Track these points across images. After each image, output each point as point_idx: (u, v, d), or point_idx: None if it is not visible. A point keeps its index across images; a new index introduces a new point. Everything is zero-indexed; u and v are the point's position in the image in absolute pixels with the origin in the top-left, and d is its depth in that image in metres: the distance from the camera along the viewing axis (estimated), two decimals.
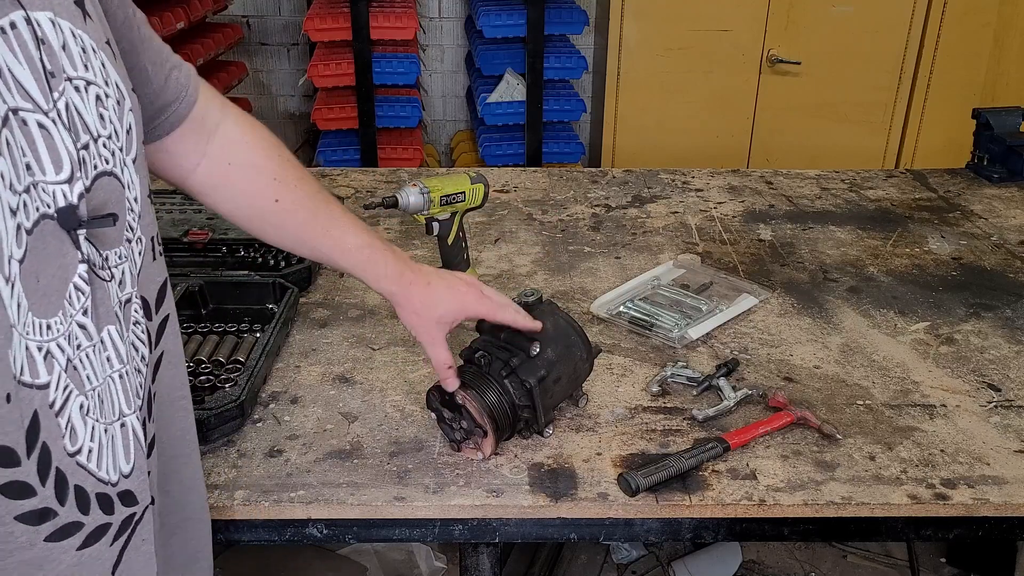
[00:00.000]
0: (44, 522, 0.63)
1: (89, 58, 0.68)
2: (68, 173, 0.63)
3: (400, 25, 3.20)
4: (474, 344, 1.21)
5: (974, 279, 1.73)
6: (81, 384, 0.65)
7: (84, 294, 0.66)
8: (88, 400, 0.66)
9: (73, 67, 0.66)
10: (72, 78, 0.65)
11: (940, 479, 1.16)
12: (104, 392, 0.68)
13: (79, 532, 0.66)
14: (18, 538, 0.62)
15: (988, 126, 2.26)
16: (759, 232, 1.93)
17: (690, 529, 1.14)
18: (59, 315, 0.63)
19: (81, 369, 0.65)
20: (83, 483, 0.66)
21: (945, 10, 3.47)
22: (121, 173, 0.71)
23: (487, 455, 1.17)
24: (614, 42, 3.48)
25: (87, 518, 0.67)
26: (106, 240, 0.69)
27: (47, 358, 0.62)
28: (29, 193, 0.60)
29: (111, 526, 0.69)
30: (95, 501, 0.67)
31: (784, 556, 2.38)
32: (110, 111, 0.70)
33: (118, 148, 0.71)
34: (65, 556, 0.65)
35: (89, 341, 0.66)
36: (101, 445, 0.68)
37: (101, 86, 0.69)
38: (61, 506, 0.64)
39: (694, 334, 1.48)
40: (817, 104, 3.61)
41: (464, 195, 1.51)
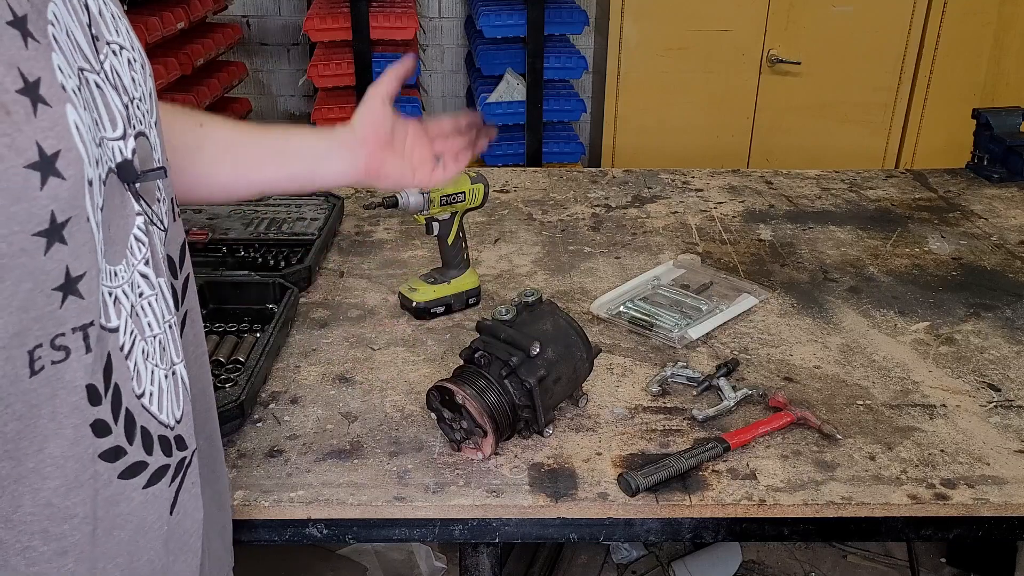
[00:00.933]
0: (118, 459, 0.67)
1: (118, 24, 0.71)
2: (122, 130, 0.67)
3: (400, 25, 3.20)
4: (474, 344, 1.21)
5: (974, 279, 1.73)
6: (143, 330, 0.69)
7: (144, 244, 0.69)
8: (149, 346, 0.70)
9: (108, 32, 0.69)
10: (110, 42, 0.69)
11: (940, 479, 1.16)
12: (164, 339, 0.72)
13: (144, 472, 0.70)
14: (101, 475, 0.65)
15: (988, 126, 2.26)
16: (759, 232, 1.93)
17: (690, 529, 1.14)
18: (123, 263, 0.66)
19: (143, 316, 0.69)
20: (147, 425, 0.70)
21: (945, 10, 3.47)
22: (149, 134, 0.74)
23: (487, 455, 1.17)
24: (614, 42, 3.48)
25: (151, 458, 0.70)
26: (151, 197, 0.73)
27: (116, 303, 0.65)
28: (101, 147, 0.63)
29: (169, 467, 0.73)
30: (157, 442, 0.71)
31: (784, 556, 2.38)
32: (139, 74, 0.73)
33: (147, 111, 0.74)
34: (135, 494, 0.69)
35: (152, 290, 0.70)
36: (161, 390, 0.71)
37: (130, 51, 0.72)
38: (130, 445, 0.68)
39: (694, 334, 1.48)
40: (817, 104, 3.61)
41: (464, 195, 1.51)
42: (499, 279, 1.70)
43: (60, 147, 0.57)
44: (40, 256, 0.56)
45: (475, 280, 1.58)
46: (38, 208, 0.56)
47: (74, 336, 0.60)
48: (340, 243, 1.84)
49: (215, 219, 1.83)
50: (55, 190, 0.56)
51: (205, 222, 1.81)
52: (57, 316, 0.59)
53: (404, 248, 1.82)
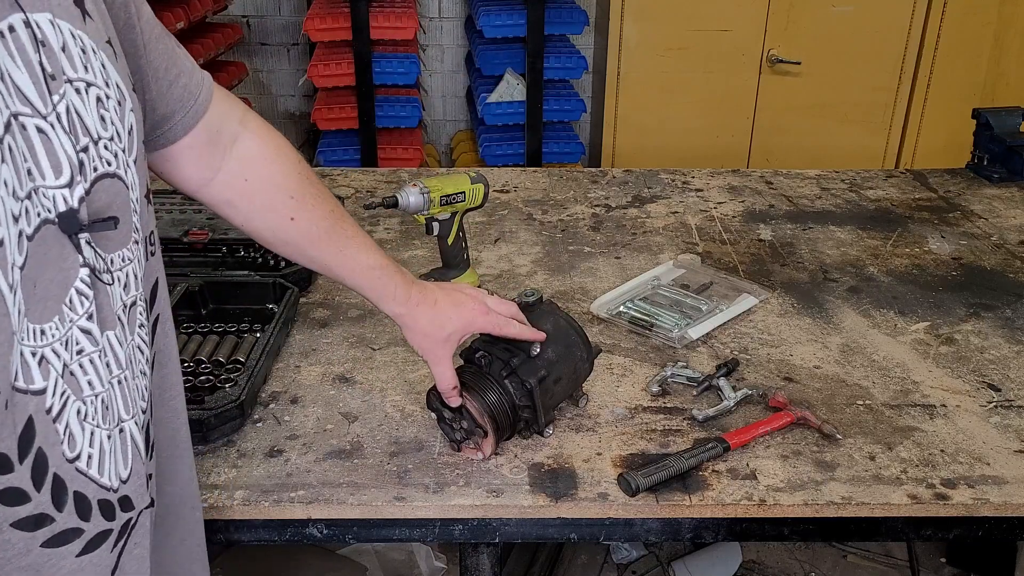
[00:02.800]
0: (40, 528, 0.63)
1: (89, 59, 0.67)
2: (68, 177, 0.63)
3: (400, 25, 3.20)
4: (474, 344, 1.21)
5: (974, 279, 1.73)
6: (79, 390, 0.65)
7: (87, 299, 0.65)
8: (87, 406, 0.65)
9: (73, 68, 0.65)
10: (72, 80, 0.65)
11: (940, 479, 1.16)
12: (108, 397, 0.68)
13: (79, 538, 0.66)
14: (15, 544, 0.62)
15: (988, 126, 2.26)
16: (759, 232, 1.93)
17: (690, 529, 1.14)
18: (55, 320, 0.62)
19: (81, 375, 0.65)
20: (83, 489, 0.66)
21: (945, 10, 3.47)
22: (125, 174, 0.70)
23: (487, 455, 1.17)
24: (614, 42, 3.48)
25: (88, 524, 0.66)
26: (110, 243, 0.68)
27: (42, 363, 0.61)
28: (31, 199, 0.59)
29: (112, 532, 0.69)
30: (96, 507, 0.67)
31: (784, 556, 2.38)
32: (111, 112, 0.69)
33: (121, 150, 0.70)
34: (64, 562, 0.65)
35: (94, 347, 0.66)
36: (103, 451, 0.67)
37: (102, 87, 0.68)
38: (59, 512, 0.64)
39: (694, 334, 1.48)
40: (817, 104, 3.61)
41: (464, 195, 1.51)
42: (499, 279, 1.70)
43: None
44: None
45: (475, 280, 1.58)
46: None
47: None
48: None
49: (215, 219, 1.83)
50: None
51: (205, 222, 1.81)
52: None
53: (404, 248, 1.82)
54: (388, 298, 1.10)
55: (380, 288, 1.09)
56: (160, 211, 1.85)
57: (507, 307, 1.18)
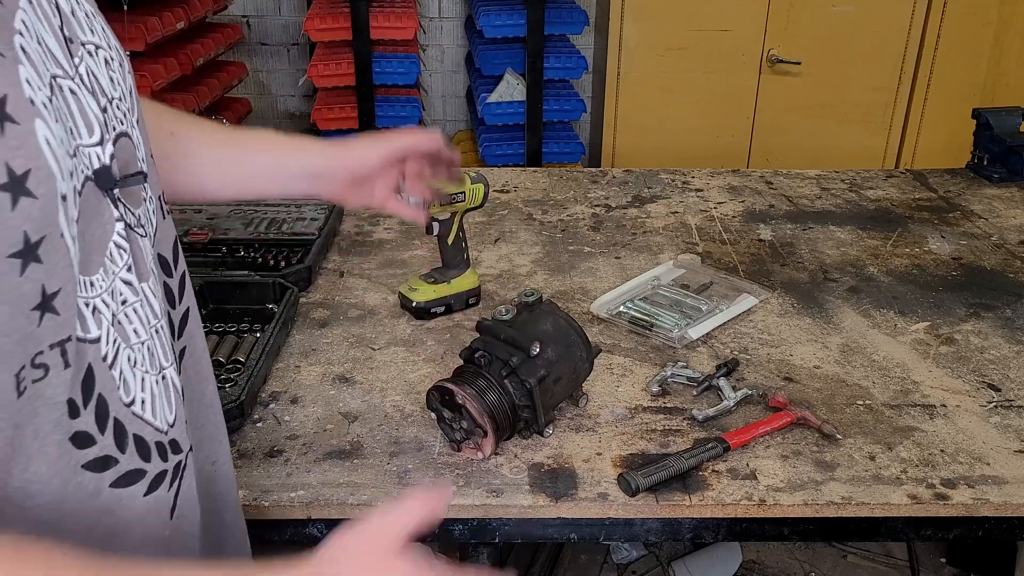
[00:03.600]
0: (106, 469, 0.66)
1: (92, 23, 0.70)
2: (99, 136, 0.66)
3: (400, 25, 3.20)
4: (474, 344, 1.21)
5: (974, 279, 1.73)
6: (127, 338, 0.68)
7: (125, 251, 0.69)
8: (135, 353, 0.69)
9: (82, 32, 0.68)
10: (84, 43, 0.68)
11: (940, 479, 1.16)
12: (151, 345, 0.72)
13: (143, 479, 0.70)
14: (86, 486, 0.65)
15: (988, 126, 2.26)
16: (759, 232, 1.93)
17: (690, 529, 1.14)
18: (100, 272, 0.65)
19: (127, 324, 0.69)
20: (141, 432, 0.69)
21: (945, 10, 3.47)
22: (132, 133, 0.73)
23: (487, 455, 1.17)
24: (614, 42, 3.48)
25: (148, 465, 0.70)
26: (133, 200, 0.72)
27: (95, 313, 0.65)
28: (76, 157, 0.62)
29: (167, 473, 0.73)
30: (154, 449, 0.71)
31: (784, 556, 2.38)
32: (116, 73, 0.72)
33: (127, 110, 0.73)
34: (134, 502, 0.69)
35: (135, 297, 0.70)
36: (153, 396, 0.71)
37: (107, 49, 0.71)
38: (122, 453, 0.67)
39: (694, 334, 1.48)
40: (817, 104, 3.61)
41: (464, 195, 1.51)
42: (499, 279, 1.70)
43: (30, 166, 0.56)
44: (16, 278, 0.55)
45: (475, 280, 1.58)
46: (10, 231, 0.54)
47: (52, 353, 0.59)
48: (340, 243, 1.84)
49: (215, 219, 1.83)
50: (27, 210, 0.55)
51: (205, 222, 1.81)
52: (36, 335, 0.58)
53: (404, 248, 1.82)
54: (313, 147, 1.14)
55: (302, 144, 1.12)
56: None
57: None
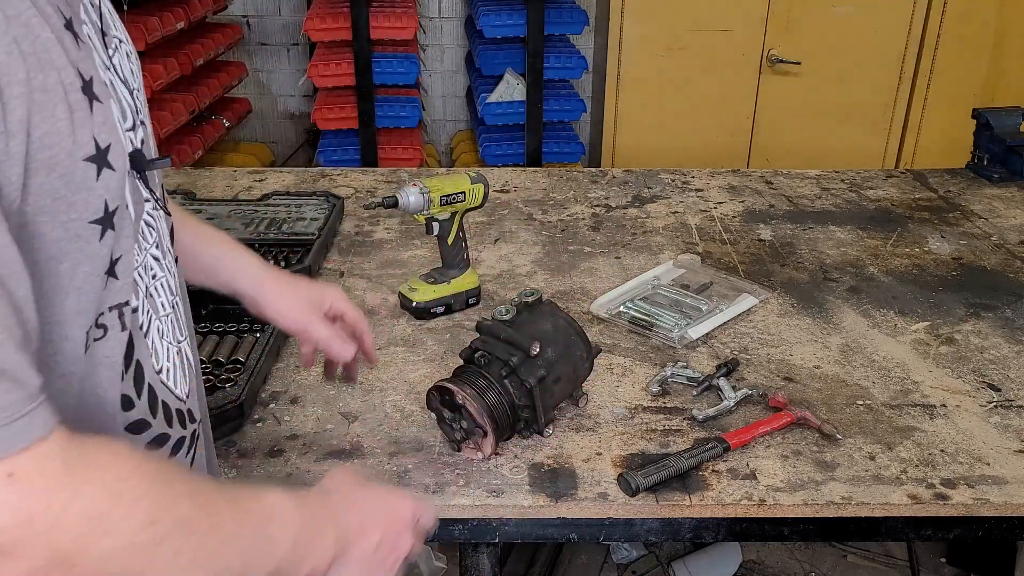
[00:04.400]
0: (142, 432, 0.70)
1: (115, 19, 0.74)
2: (132, 121, 0.70)
3: (400, 25, 3.20)
4: (474, 344, 1.21)
5: (974, 279, 1.73)
6: (157, 309, 0.72)
7: (154, 229, 0.73)
8: (163, 323, 0.73)
9: (113, 27, 0.72)
10: (115, 36, 0.72)
11: (940, 479, 1.16)
12: (172, 318, 0.76)
13: (168, 443, 0.73)
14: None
15: (988, 126, 2.26)
16: (759, 232, 1.93)
17: (690, 529, 1.14)
18: (135, 247, 0.69)
19: (156, 296, 0.73)
20: (167, 399, 0.73)
21: (945, 10, 3.47)
22: (147, 123, 0.76)
23: (487, 455, 1.17)
24: (614, 42, 3.48)
25: (172, 430, 0.74)
26: (155, 183, 0.75)
27: (134, 285, 0.68)
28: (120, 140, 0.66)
29: (185, 439, 0.76)
30: (175, 416, 0.75)
31: (784, 556, 2.38)
32: (135, 66, 0.76)
33: (143, 102, 0.76)
34: None
35: (162, 272, 0.74)
36: (175, 366, 0.75)
37: (127, 43, 0.75)
38: (153, 418, 0.71)
39: (694, 334, 1.48)
40: (817, 104, 3.61)
41: (464, 195, 1.51)
42: (499, 279, 1.69)
43: (111, 140, 0.61)
44: (96, 242, 0.61)
45: (475, 280, 1.58)
46: (95, 198, 0.60)
47: (111, 315, 0.64)
48: (340, 243, 1.84)
49: (215, 219, 1.83)
50: (107, 181, 0.61)
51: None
52: (103, 297, 0.63)
53: (404, 248, 1.82)
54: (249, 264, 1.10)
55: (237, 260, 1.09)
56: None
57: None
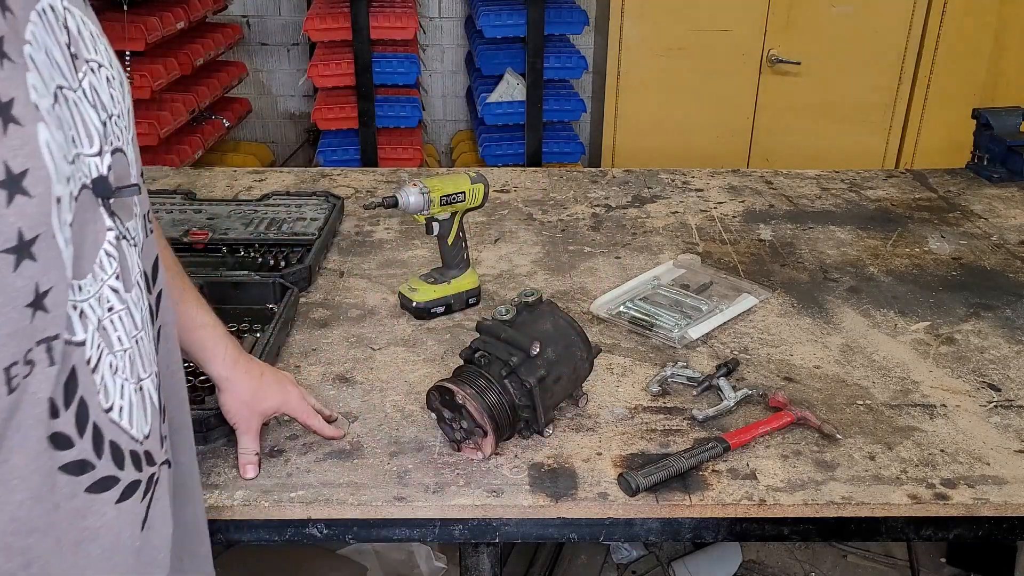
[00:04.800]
0: (83, 473, 0.67)
1: (96, 42, 0.73)
2: (98, 146, 0.68)
3: (400, 25, 3.20)
4: (474, 344, 1.21)
5: (974, 279, 1.73)
6: (111, 344, 0.70)
7: (115, 259, 0.70)
8: (117, 360, 0.70)
9: (88, 50, 0.70)
10: (88, 60, 0.70)
11: (940, 479, 1.16)
12: (133, 354, 0.73)
13: (116, 486, 0.70)
14: (62, 488, 0.65)
15: (988, 126, 2.26)
16: (759, 232, 1.93)
17: (690, 529, 1.14)
18: (90, 277, 0.67)
19: (112, 330, 0.70)
20: (117, 439, 0.70)
21: (945, 10, 3.47)
22: (127, 150, 0.75)
23: (487, 455, 1.17)
24: (614, 42, 3.48)
25: (122, 473, 0.71)
26: (125, 213, 0.73)
27: (82, 316, 0.66)
28: (75, 164, 0.64)
29: (140, 483, 0.73)
30: (129, 457, 0.72)
31: (784, 556, 2.38)
32: (117, 92, 0.74)
33: (124, 127, 0.75)
34: (106, 508, 0.69)
35: (121, 305, 0.71)
36: (132, 404, 0.72)
37: (108, 68, 0.73)
38: (98, 459, 0.68)
39: (694, 334, 1.48)
40: (817, 104, 3.61)
41: (464, 195, 1.51)
42: (499, 279, 1.70)
43: (28, 165, 0.58)
44: (9, 273, 0.57)
45: (475, 280, 1.58)
46: (5, 226, 0.56)
47: (39, 349, 0.61)
48: (340, 243, 1.84)
49: (215, 219, 1.83)
50: (22, 208, 0.57)
51: (205, 222, 1.81)
52: (28, 332, 0.59)
53: (404, 248, 1.82)
54: (217, 359, 1.10)
55: (211, 348, 1.09)
56: (160, 211, 1.86)
57: (316, 404, 1.22)
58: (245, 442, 1.14)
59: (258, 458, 1.15)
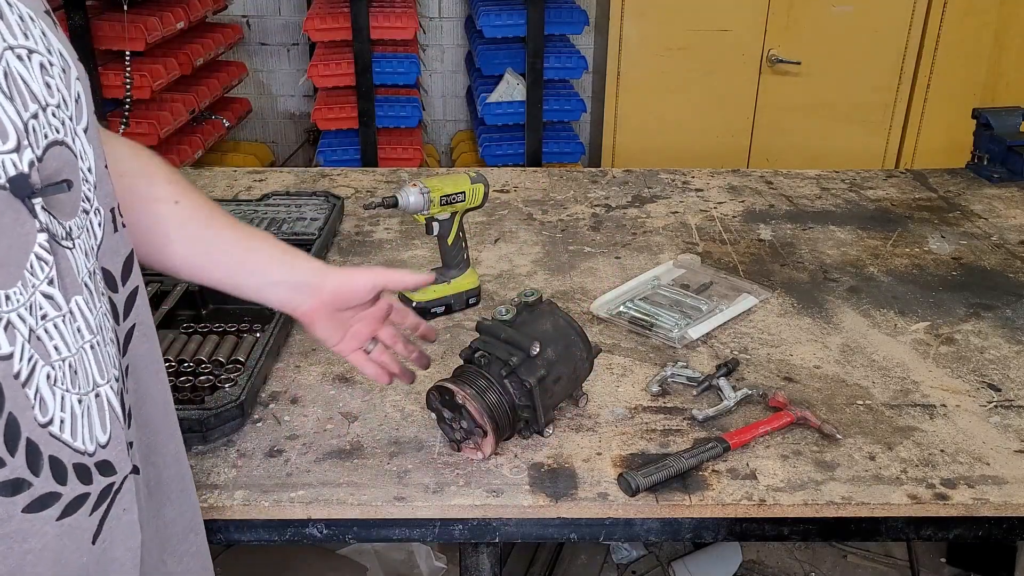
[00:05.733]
0: (18, 493, 0.63)
1: (28, 26, 0.67)
2: (15, 142, 0.63)
3: (400, 25, 3.20)
4: (474, 344, 1.21)
5: (974, 279, 1.73)
6: (47, 355, 0.65)
7: (47, 264, 0.65)
8: (56, 371, 0.66)
9: (12, 36, 0.65)
10: (13, 47, 0.65)
11: (940, 479, 1.16)
12: (77, 362, 0.68)
13: (57, 503, 0.66)
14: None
15: (988, 126, 2.26)
16: (759, 232, 1.93)
17: (690, 529, 1.14)
18: (18, 285, 0.62)
19: (47, 340, 0.65)
20: (58, 454, 0.66)
21: (945, 10, 3.47)
22: (73, 143, 0.70)
23: (487, 455, 1.17)
24: (614, 42, 3.48)
25: (65, 488, 0.67)
26: (64, 210, 0.68)
27: (8, 328, 0.62)
28: None
29: (89, 496, 0.69)
30: (72, 471, 0.68)
31: (784, 556, 2.38)
32: (56, 79, 0.69)
33: (68, 118, 0.70)
34: (47, 527, 0.66)
35: (57, 311, 0.66)
36: (75, 415, 0.68)
37: (44, 54, 0.68)
38: (36, 476, 0.64)
39: (694, 334, 1.48)
40: (817, 104, 3.61)
41: (464, 195, 1.51)
42: (499, 279, 1.70)
43: None
44: None
45: (475, 280, 1.58)
46: None
47: None
48: (340, 243, 1.84)
49: None
50: None
51: None
52: None
53: (404, 248, 1.82)
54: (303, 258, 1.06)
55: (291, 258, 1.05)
56: None
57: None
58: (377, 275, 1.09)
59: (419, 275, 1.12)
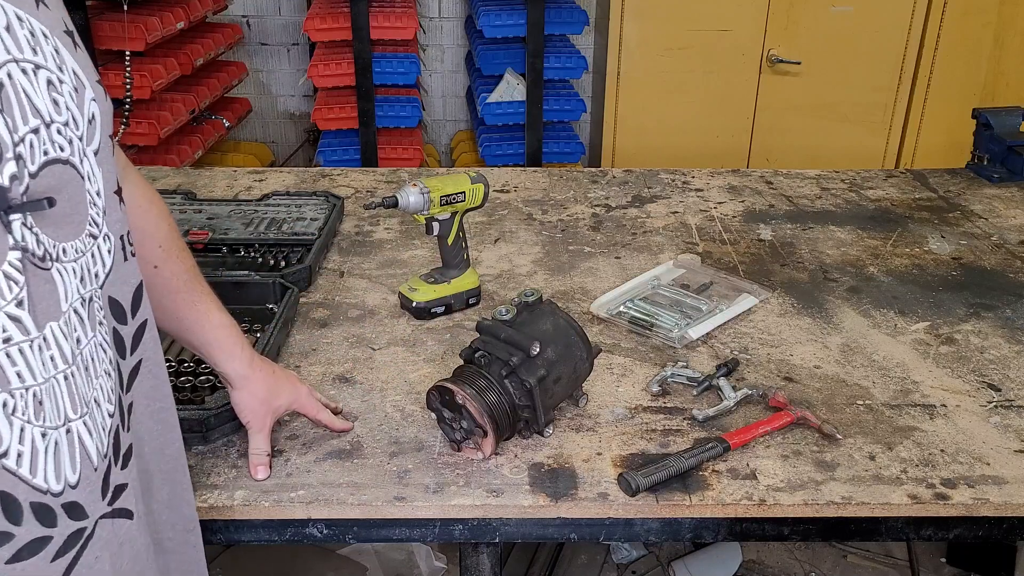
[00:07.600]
0: None
1: (38, 42, 0.66)
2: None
3: (400, 25, 3.20)
4: (474, 344, 1.21)
5: (974, 279, 1.73)
6: (6, 381, 0.61)
7: (16, 284, 0.61)
8: (16, 399, 0.61)
9: (19, 49, 0.64)
10: (18, 60, 0.63)
11: (940, 479, 1.16)
12: (46, 393, 0.64)
13: (7, 544, 0.61)
14: None
15: (988, 126, 2.26)
16: (759, 232, 1.93)
17: (690, 529, 1.14)
18: None
19: (8, 365, 0.61)
20: (12, 490, 0.61)
21: (945, 10, 3.47)
22: (80, 163, 0.67)
23: (487, 455, 1.17)
24: (614, 42, 3.48)
25: (19, 529, 0.62)
26: (60, 231, 0.65)
27: None
28: None
29: (51, 540, 0.64)
30: (29, 511, 0.62)
31: (784, 556, 2.38)
32: (65, 97, 0.67)
33: (76, 137, 0.67)
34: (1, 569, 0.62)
35: (24, 336, 0.62)
36: (35, 450, 0.62)
37: (53, 71, 0.66)
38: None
39: (694, 334, 1.48)
40: (817, 104, 3.61)
41: (464, 195, 1.51)
42: (499, 279, 1.70)
43: None
44: None
45: (475, 280, 1.58)
46: None
47: None
48: (340, 243, 1.84)
49: (215, 219, 1.83)
50: None
51: (205, 222, 1.81)
52: None
53: (404, 248, 1.82)
54: (235, 357, 1.10)
55: (229, 346, 1.09)
56: None
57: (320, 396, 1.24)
58: (257, 441, 1.14)
59: (269, 458, 1.15)
